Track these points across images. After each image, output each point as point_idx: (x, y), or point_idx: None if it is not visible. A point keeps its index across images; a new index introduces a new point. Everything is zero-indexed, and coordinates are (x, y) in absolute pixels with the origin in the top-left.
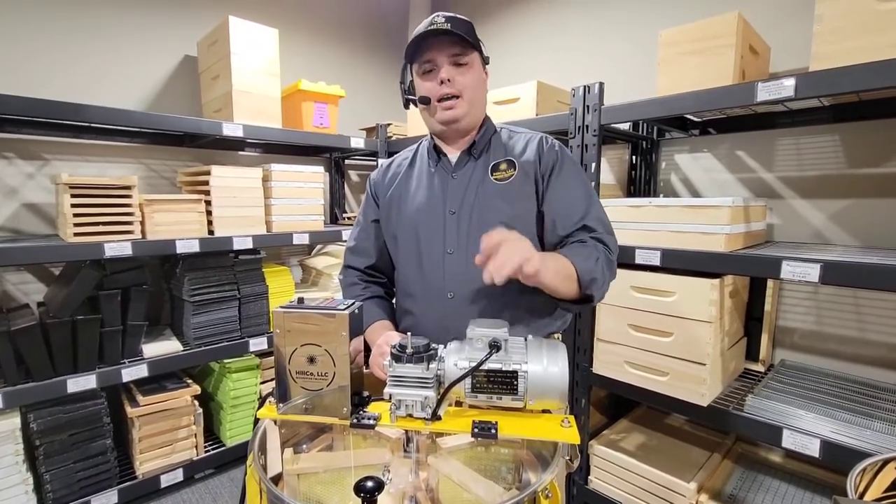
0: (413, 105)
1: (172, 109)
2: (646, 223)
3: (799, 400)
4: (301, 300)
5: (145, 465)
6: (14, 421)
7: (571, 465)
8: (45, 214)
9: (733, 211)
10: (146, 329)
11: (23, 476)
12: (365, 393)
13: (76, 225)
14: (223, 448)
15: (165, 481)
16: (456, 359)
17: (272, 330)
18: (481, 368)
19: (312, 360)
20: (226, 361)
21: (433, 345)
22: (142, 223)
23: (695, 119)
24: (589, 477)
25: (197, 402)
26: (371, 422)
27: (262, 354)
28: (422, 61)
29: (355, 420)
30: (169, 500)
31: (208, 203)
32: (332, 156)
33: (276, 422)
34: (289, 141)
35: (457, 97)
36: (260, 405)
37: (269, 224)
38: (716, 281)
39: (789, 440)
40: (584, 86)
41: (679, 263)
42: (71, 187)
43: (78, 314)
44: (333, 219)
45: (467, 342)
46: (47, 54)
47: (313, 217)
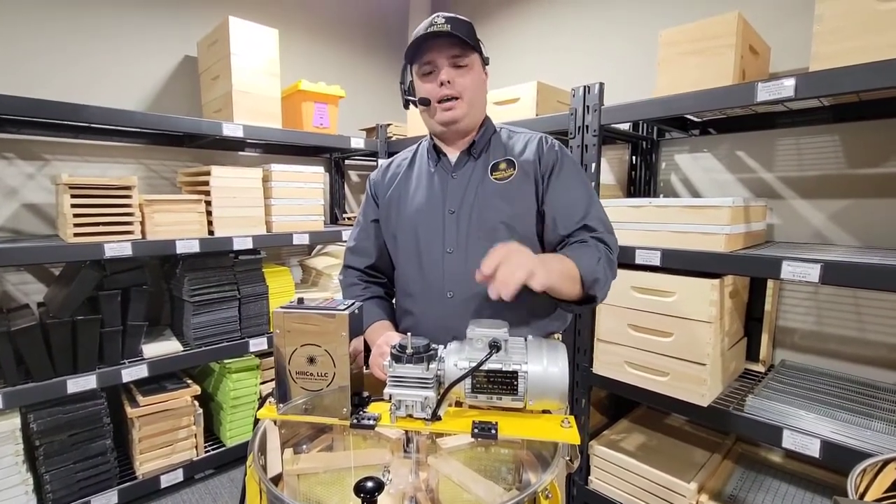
0: (413, 105)
1: (172, 110)
2: (646, 223)
3: (799, 400)
4: (301, 300)
5: (145, 466)
6: (14, 421)
7: (571, 466)
8: (45, 215)
9: (733, 211)
10: (146, 329)
11: (23, 476)
12: (365, 393)
13: (76, 225)
14: (223, 448)
15: (165, 482)
16: (456, 359)
17: (272, 330)
18: (481, 369)
19: (312, 361)
20: (226, 362)
21: (433, 345)
22: (142, 223)
23: (695, 119)
24: (589, 477)
25: (197, 403)
26: (371, 422)
27: (263, 355)
28: (422, 63)
29: (355, 420)
30: (169, 501)
31: (208, 203)
32: (332, 156)
33: (276, 422)
34: (289, 141)
35: (456, 98)
36: (260, 405)
37: (269, 224)
38: (716, 281)
39: (789, 440)
40: (584, 86)
41: (679, 264)
42: (71, 187)
43: (78, 314)
44: (333, 219)
45: (467, 342)
46: (47, 54)
47: (313, 217)
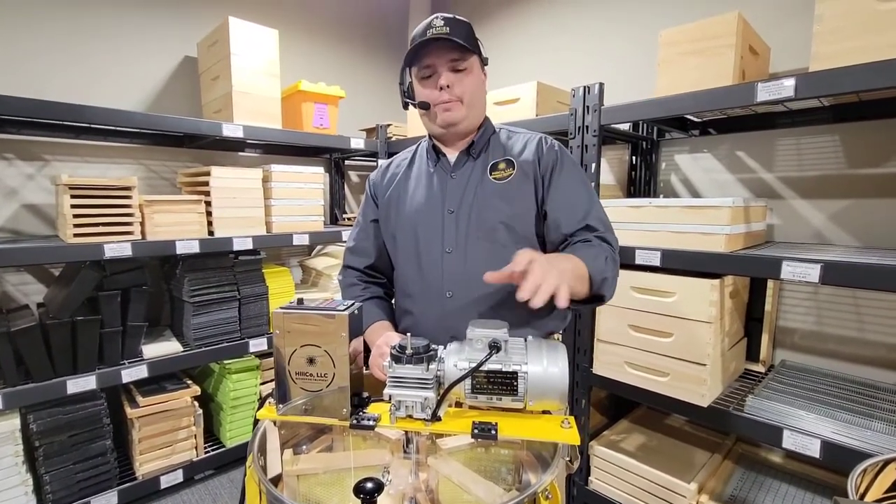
0: (413, 106)
1: (172, 110)
2: (646, 223)
3: (799, 400)
4: (301, 301)
5: (145, 466)
6: (14, 422)
7: (571, 467)
8: (45, 215)
9: (733, 211)
10: (146, 330)
11: (22, 477)
12: (365, 394)
13: (76, 226)
14: (223, 449)
15: (165, 482)
16: (456, 359)
17: (272, 331)
18: (481, 369)
19: (312, 361)
20: (226, 362)
21: (433, 345)
22: (142, 224)
23: (695, 119)
24: (589, 478)
25: (197, 403)
26: (371, 423)
27: (262, 355)
28: (421, 66)
29: (355, 421)
30: (169, 501)
31: (208, 204)
32: (332, 156)
33: (276, 423)
34: (289, 142)
35: (456, 101)
36: (260, 406)
37: (269, 225)
38: (716, 281)
39: (790, 441)
40: (584, 86)
41: (679, 264)
42: (71, 188)
43: (78, 315)
44: (333, 219)
45: (467, 343)
46: (47, 55)
47: (313, 218)
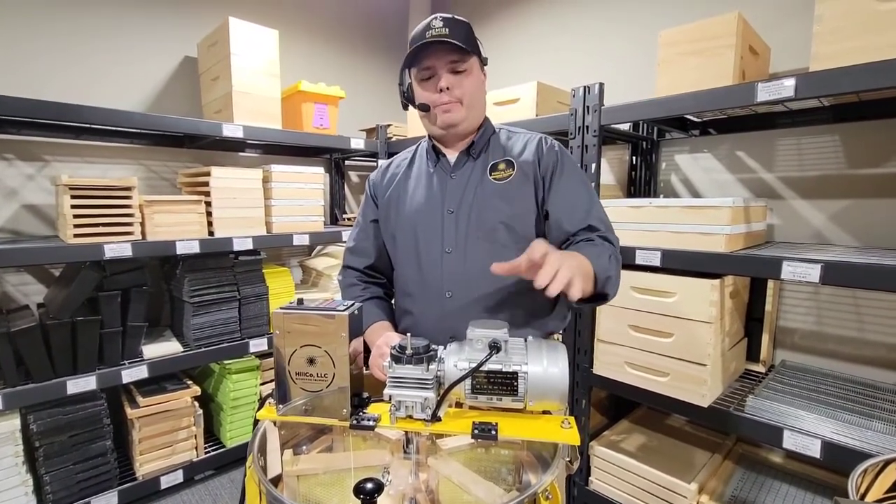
0: (412, 107)
1: (172, 111)
2: (646, 224)
3: (800, 401)
4: (301, 301)
5: (145, 467)
6: (14, 422)
7: (571, 467)
8: (45, 216)
9: (733, 211)
10: (146, 330)
11: (22, 477)
12: (365, 394)
13: (76, 226)
14: (223, 449)
15: (165, 482)
16: (456, 360)
17: (272, 331)
18: (481, 369)
19: (312, 362)
20: (226, 362)
21: (433, 346)
22: (142, 224)
23: (695, 119)
24: (590, 478)
25: (197, 404)
26: (371, 423)
27: (263, 355)
28: (420, 68)
29: (355, 421)
30: (169, 502)
31: (208, 204)
32: (333, 157)
33: (276, 423)
34: (289, 142)
35: (456, 103)
36: (260, 406)
37: (270, 225)
38: (716, 281)
39: (790, 441)
40: (584, 86)
41: (679, 264)
42: (71, 188)
43: (78, 315)
44: (333, 220)
45: (467, 343)
46: (47, 55)
47: (313, 218)
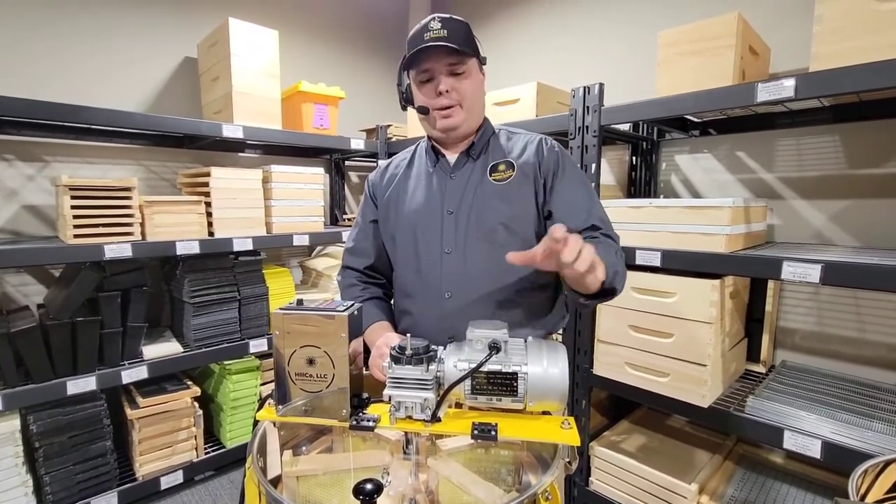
0: (411, 108)
1: (172, 111)
2: (646, 224)
3: (800, 401)
4: (300, 302)
5: (145, 467)
6: (14, 423)
7: (570, 468)
8: (45, 216)
9: (734, 212)
10: (146, 331)
11: (22, 478)
12: (364, 395)
13: (76, 226)
14: (223, 450)
15: (165, 483)
16: (455, 360)
17: (272, 331)
18: (481, 370)
19: (312, 362)
20: (226, 363)
21: (432, 346)
22: (142, 225)
23: (695, 120)
24: (590, 478)
25: (197, 404)
26: (370, 423)
27: (263, 356)
28: (419, 70)
29: (355, 422)
30: (169, 502)
31: (208, 204)
32: (333, 157)
33: (276, 424)
34: (289, 142)
35: (455, 106)
36: (259, 407)
37: (269, 225)
38: (716, 282)
39: (790, 441)
40: (584, 87)
41: (679, 264)
42: (71, 189)
43: (78, 316)
44: (333, 220)
45: (467, 343)
46: (47, 57)
47: (313, 218)
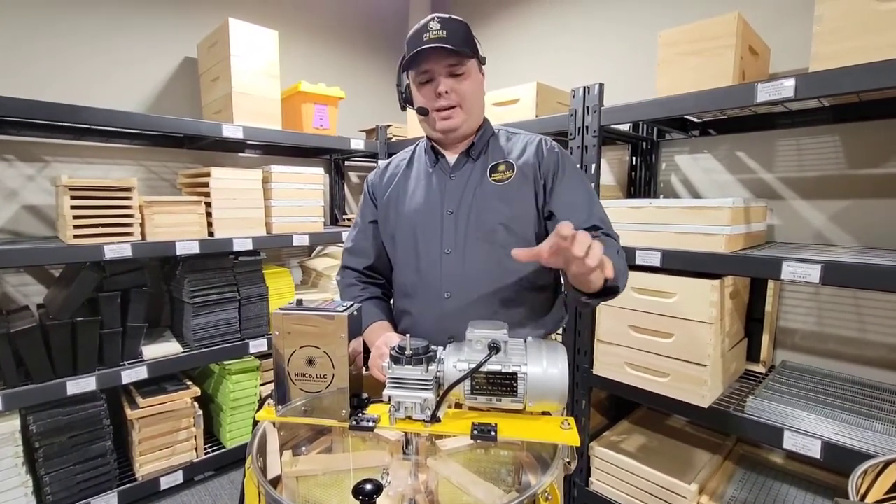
0: (410, 108)
1: (172, 111)
2: (646, 224)
3: (800, 401)
4: (300, 302)
5: (145, 468)
6: (13, 423)
7: (569, 467)
8: (45, 216)
9: (734, 212)
10: (146, 331)
11: (22, 478)
12: (364, 395)
13: (76, 227)
14: (223, 450)
15: (165, 483)
16: (455, 360)
17: (272, 332)
18: (481, 370)
19: (311, 362)
20: (226, 363)
21: (432, 346)
22: (142, 225)
23: (695, 120)
24: (590, 479)
25: (197, 404)
26: (370, 424)
27: (263, 356)
28: (419, 71)
29: (354, 422)
30: (169, 503)
31: (208, 205)
32: (332, 157)
33: (275, 424)
34: (289, 142)
35: (455, 107)
36: (259, 407)
37: (269, 225)
38: (716, 282)
39: (790, 441)
40: (584, 87)
41: (679, 264)
42: (71, 189)
43: (78, 316)
44: (333, 220)
45: (466, 343)
46: (48, 57)
47: (313, 218)
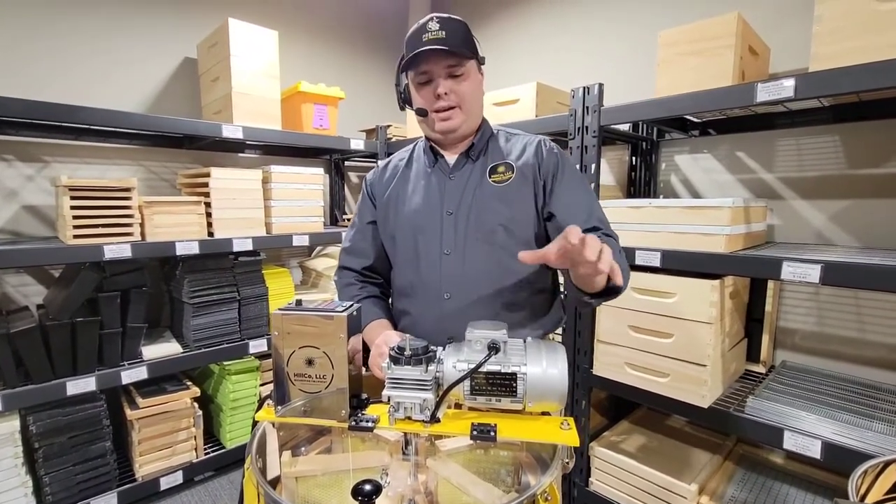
0: (409, 108)
1: (172, 111)
2: (646, 224)
3: (800, 401)
4: (299, 302)
5: (145, 468)
6: (13, 423)
7: (567, 466)
8: (45, 216)
9: (733, 212)
10: (146, 331)
11: (22, 479)
12: (363, 395)
13: (76, 227)
14: (223, 450)
15: (165, 484)
16: (454, 361)
17: (271, 332)
18: (480, 370)
19: (311, 363)
20: (225, 363)
21: (431, 347)
22: (141, 225)
23: (695, 120)
24: (590, 479)
25: (196, 405)
26: (369, 424)
27: (262, 356)
28: (418, 72)
29: (353, 422)
30: (168, 503)
31: (208, 205)
32: (332, 157)
33: (275, 424)
34: (288, 143)
35: (454, 108)
36: (258, 408)
37: (269, 226)
38: (716, 282)
39: (790, 442)
40: (584, 87)
41: (679, 264)
42: (70, 189)
43: (77, 316)
44: (333, 220)
45: (466, 344)
46: (48, 57)
47: (313, 219)
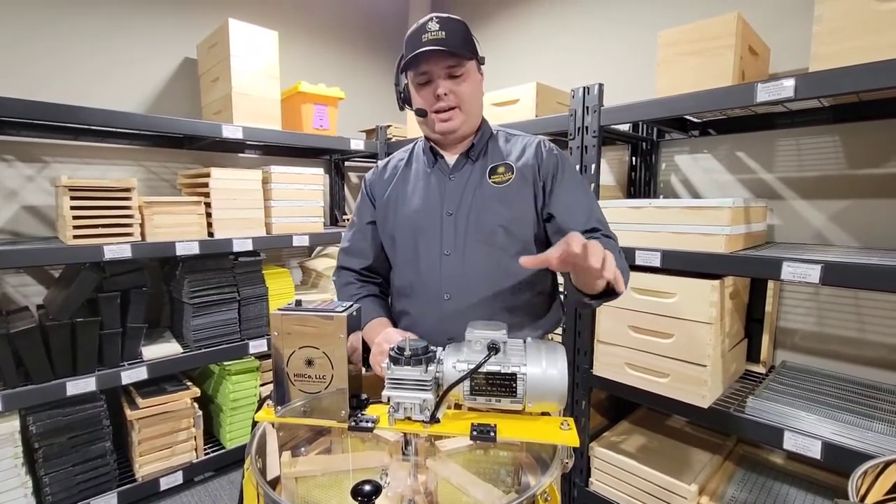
0: (409, 108)
1: (172, 112)
2: (646, 224)
3: (800, 401)
4: (299, 302)
5: (145, 468)
6: (13, 424)
7: (566, 466)
8: (45, 217)
9: (733, 212)
10: (146, 331)
11: (22, 479)
12: (363, 395)
13: (76, 227)
14: (223, 450)
15: (165, 484)
16: (454, 361)
17: (271, 332)
18: (480, 371)
19: (310, 363)
20: (225, 364)
21: (431, 347)
22: (141, 225)
23: (695, 120)
24: (590, 479)
25: (196, 405)
26: (369, 424)
27: (262, 356)
28: (417, 72)
29: (353, 423)
30: (168, 503)
31: (208, 205)
32: (332, 158)
33: (275, 425)
34: (288, 143)
35: (453, 108)
36: (258, 408)
37: (269, 226)
38: (716, 282)
39: (791, 442)
40: (584, 87)
41: (679, 265)
42: (70, 189)
43: (77, 316)
44: (333, 221)
45: (466, 344)
46: (48, 58)
47: (313, 219)
